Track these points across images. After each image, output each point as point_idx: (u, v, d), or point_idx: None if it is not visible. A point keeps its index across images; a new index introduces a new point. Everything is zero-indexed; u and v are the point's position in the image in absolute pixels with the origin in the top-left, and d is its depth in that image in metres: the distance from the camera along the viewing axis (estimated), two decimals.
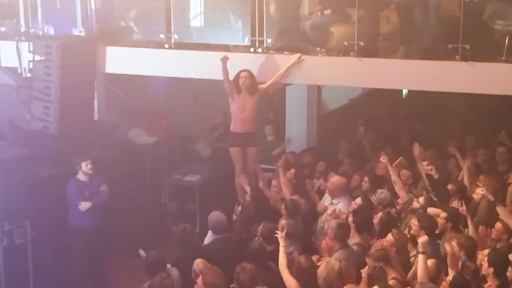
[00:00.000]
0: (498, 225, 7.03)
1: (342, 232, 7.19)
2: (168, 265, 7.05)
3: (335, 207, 8.19)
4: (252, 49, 9.18)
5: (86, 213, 8.77)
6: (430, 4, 8.40)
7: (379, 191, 8.29)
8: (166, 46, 9.47)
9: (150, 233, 10.00)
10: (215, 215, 7.80)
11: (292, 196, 8.41)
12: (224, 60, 8.77)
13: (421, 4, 8.46)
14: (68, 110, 9.10)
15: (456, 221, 7.31)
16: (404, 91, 12.67)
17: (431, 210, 7.63)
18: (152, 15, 9.69)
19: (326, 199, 8.56)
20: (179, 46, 9.46)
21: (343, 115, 12.44)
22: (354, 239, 7.35)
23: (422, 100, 11.45)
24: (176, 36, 9.42)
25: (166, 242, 9.22)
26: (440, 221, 7.27)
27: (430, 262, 6.53)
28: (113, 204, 9.30)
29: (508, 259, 6.42)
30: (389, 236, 6.99)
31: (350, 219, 7.47)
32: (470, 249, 6.55)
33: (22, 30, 9.82)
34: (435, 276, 6.47)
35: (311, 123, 10.71)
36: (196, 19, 9.60)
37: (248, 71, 8.91)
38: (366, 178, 8.65)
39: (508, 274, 6.24)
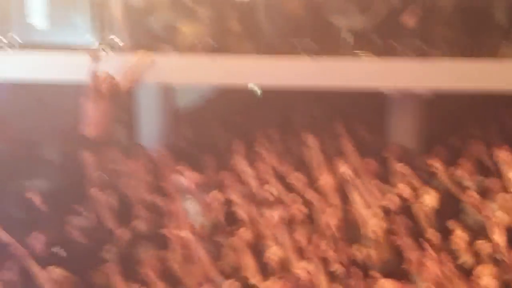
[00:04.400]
0: None
1: None
2: None
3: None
4: (100, 49, 9.42)
5: None
6: (271, 2, 9.02)
7: None
8: (7, 48, 9.48)
9: None
10: None
11: None
12: (94, 58, 8.92)
13: (263, 2, 9.06)
14: None
15: None
16: (259, 90, 13.26)
17: None
18: None
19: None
20: (22, 47, 9.54)
21: (199, 114, 12.83)
22: None
23: (277, 98, 12.07)
24: (17, 38, 9.46)
25: None
26: None
27: None
28: None
29: None
30: None
31: None
32: None
33: None
34: None
35: (164, 123, 11.05)
36: (39, 19, 9.68)
37: (107, 73, 9.15)
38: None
39: None
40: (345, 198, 7.94)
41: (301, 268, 6.64)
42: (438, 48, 8.86)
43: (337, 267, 6.78)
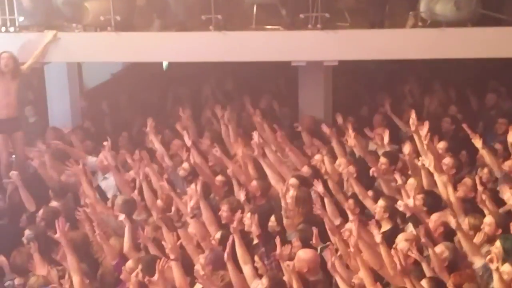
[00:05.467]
0: None
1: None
2: None
3: (106, 181, 8.63)
4: (3, 29, 9.24)
5: None
6: None
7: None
8: None
9: None
10: None
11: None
12: None
13: None
14: None
15: None
16: (165, 63, 13.29)
17: None
18: None
19: (98, 176, 8.91)
20: None
21: (107, 90, 12.77)
22: None
23: (185, 71, 12.11)
24: None
25: None
26: None
27: None
28: None
29: None
30: None
31: None
32: None
33: None
34: None
35: (74, 101, 10.92)
36: None
37: (10, 53, 8.99)
38: (136, 151, 8.99)
39: None
40: (262, 170, 8.07)
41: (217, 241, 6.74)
42: (345, 20, 9.06)
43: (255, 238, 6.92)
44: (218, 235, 6.79)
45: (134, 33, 9.28)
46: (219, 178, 8.10)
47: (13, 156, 9.35)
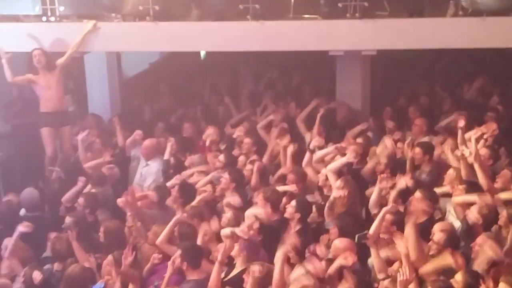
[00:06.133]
0: None
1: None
2: None
3: (147, 168, 8.68)
4: (44, 18, 9.31)
5: None
6: None
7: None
8: None
9: None
10: (28, 192, 8.06)
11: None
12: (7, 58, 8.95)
13: None
14: None
15: None
16: (202, 53, 13.31)
17: None
18: None
19: (141, 162, 8.98)
20: None
21: (145, 80, 12.84)
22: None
23: (222, 61, 12.12)
24: None
25: None
26: None
27: None
28: None
29: None
30: None
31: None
32: None
33: None
34: None
35: (113, 90, 11.02)
36: None
37: (40, 49, 9.14)
38: (171, 139, 9.05)
39: None
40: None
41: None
42: (384, 9, 8.94)
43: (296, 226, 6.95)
44: (256, 225, 6.80)
45: (172, 23, 9.29)
46: (249, 167, 8.12)
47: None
